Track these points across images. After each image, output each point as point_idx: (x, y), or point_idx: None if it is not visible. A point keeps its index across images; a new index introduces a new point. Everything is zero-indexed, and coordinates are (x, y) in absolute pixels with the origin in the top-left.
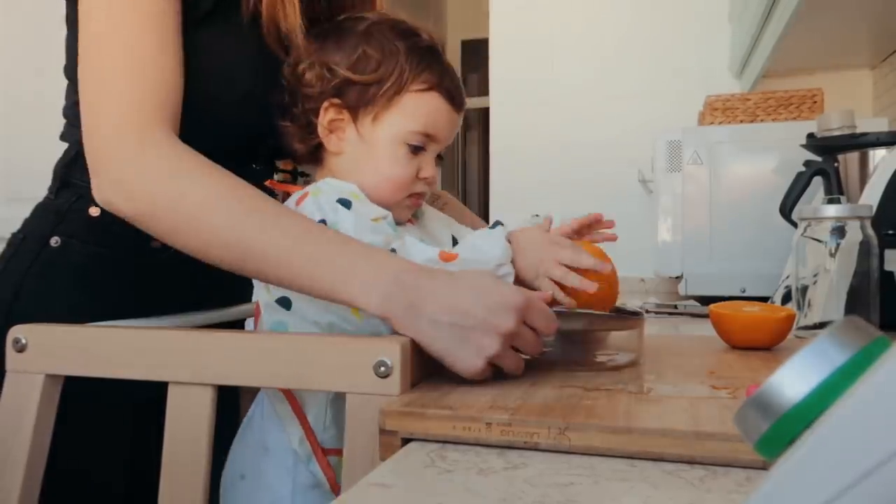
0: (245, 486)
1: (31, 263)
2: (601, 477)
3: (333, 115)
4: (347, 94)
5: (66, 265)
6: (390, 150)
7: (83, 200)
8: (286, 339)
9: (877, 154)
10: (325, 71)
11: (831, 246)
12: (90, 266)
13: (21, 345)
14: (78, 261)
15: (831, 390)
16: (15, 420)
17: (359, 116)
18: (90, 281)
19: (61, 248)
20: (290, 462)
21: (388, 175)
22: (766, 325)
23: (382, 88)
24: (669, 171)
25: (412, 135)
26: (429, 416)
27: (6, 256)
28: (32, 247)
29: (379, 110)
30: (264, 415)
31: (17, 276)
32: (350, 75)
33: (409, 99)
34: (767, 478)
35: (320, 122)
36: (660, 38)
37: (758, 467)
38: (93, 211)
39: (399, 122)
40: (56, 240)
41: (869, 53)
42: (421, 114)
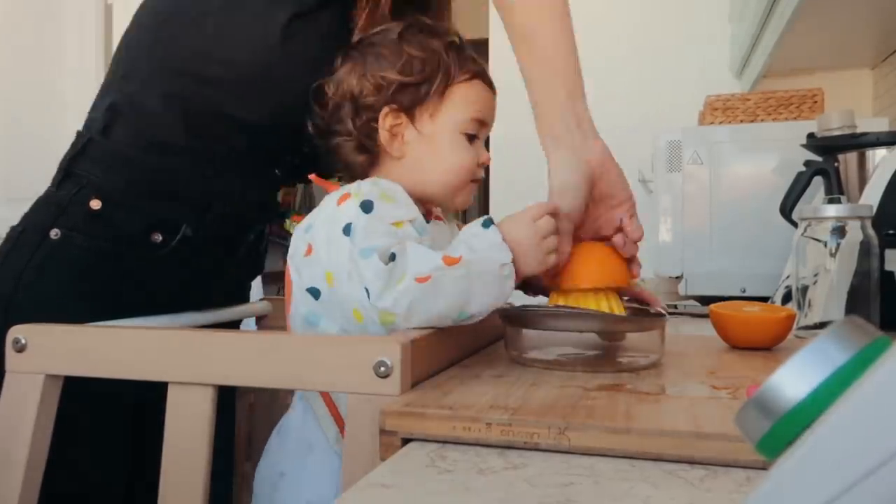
0: (285, 483)
1: (30, 256)
2: (601, 477)
3: (393, 121)
4: (402, 98)
5: (67, 258)
6: (451, 141)
7: (85, 192)
8: (286, 339)
9: (877, 154)
10: (379, 80)
11: (831, 246)
12: (91, 260)
13: (21, 345)
14: (78, 254)
15: (831, 390)
16: (14, 420)
17: (416, 116)
18: (90, 275)
19: (61, 240)
20: (336, 461)
21: (455, 164)
22: (766, 325)
23: (433, 85)
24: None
25: (467, 123)
26: (429, 416)
27: (4, 251)
28: (32, 239)
29: (434, 106)
30: (306, 412)
31: (17, 269)
32: (402, 79)
33: (457, 90)
34: (767, 478)
35: (381, 128)
36: (660, 38)
37: (758, 467)
38: (94, 204)
39: (454, 113)
40: (56, 232)
41: (869, 53)
42: (471, 102)
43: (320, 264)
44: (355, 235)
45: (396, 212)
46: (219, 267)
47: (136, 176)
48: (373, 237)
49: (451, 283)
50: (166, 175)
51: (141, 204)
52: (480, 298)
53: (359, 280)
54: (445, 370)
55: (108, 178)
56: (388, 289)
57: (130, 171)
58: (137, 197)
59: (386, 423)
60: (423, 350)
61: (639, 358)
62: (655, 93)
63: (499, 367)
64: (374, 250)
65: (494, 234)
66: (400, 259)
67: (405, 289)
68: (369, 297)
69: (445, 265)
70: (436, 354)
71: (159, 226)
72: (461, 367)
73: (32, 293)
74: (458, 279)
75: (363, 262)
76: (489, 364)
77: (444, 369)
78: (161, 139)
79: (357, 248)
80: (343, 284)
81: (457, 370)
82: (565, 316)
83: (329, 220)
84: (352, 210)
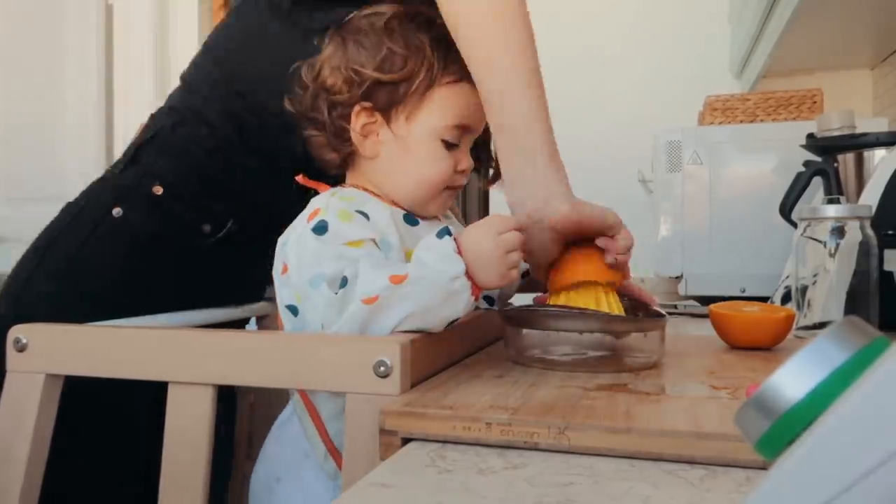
0: (282, 489)
1: (93, 229)
2: (601, 477)
3: (366, 119)
4: (377, 96)
5: (124, 237)
6: (427, 148)
7: (149, 178)
8: (286, 339)
9: (876, 154)
10: (352, 74)
11: (831, 246)
12: (144, 240)
13: (21, 344)
14: (135, 235)
15: (831, 390)
16: (15, 420)
17: (391, 117)
18: (142, 254)
19: (122, 220)
20: (332, 467)
21: (427, 175)
22: (766, 325)
23: (413, 86)
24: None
25: (447, 130)
26: (429, 416)
27: (65, 221)
28: (94, 214)
29: (412, 108)
30: (301, 417)
31: (79, 239)
32: (378, 76)
33: (439, 93)
34: (767, 478)
35: (353, 127)
36: (660, 38)
37: (758, 467)
38: (156, 189)
39: (432, 118)
40: (119, 211)
41: (869, 53)
42: (453, 107)
43: (291, 286)
44: (306, 263)
45: (355, 231)
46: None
47: (196, 171)
48: (321, 264)
49: (397, 302)
50: (222, 176)
51: (197, 196)
52: (433, 313)
53: (312, 311)
54: (445, 370)
55: (171, 168)
56: (341, 315)
57: (192, 166)
58: (195, 189)
59: (386, 422)
60: (423, 350)
61: (639, 358)
62: (655, 93)
63: (499, 367)
64: (322, 278)
65: (448, 245)
66: (350, 283)
67: (353, 313)
68: (323, 327)
69: (392, 284)
70: (436, 354)
71: (210, 217)
72: (461, 367)
73: (89, 264)
74: (404, 297)
75: (313, 292)
76: (489, 364)
77: (444, 369)
78: (220, 146)
79: (305, 276)
80: (304, 309)
81: (457, 370)
82: (565, 316)
83: (300, 236)
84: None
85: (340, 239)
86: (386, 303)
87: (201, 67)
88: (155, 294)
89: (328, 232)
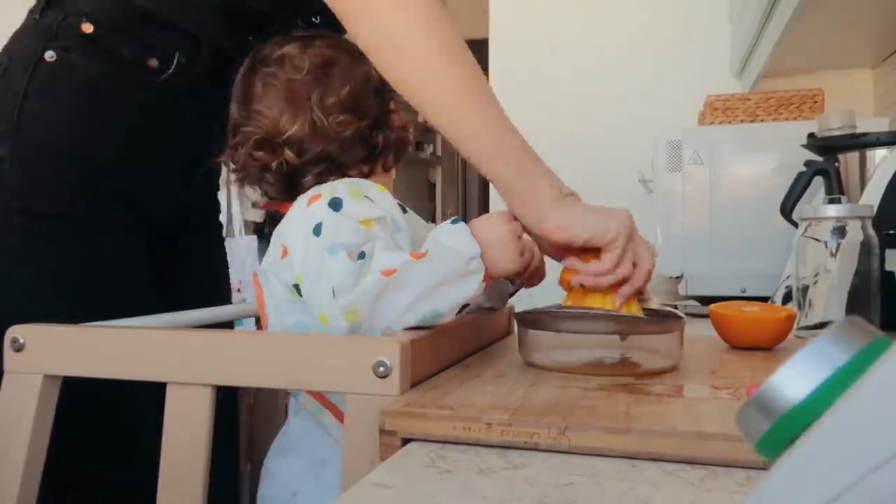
0: (300, 502)
1: (28, 79)
2: (601, 477)
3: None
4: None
5: (67, 79)
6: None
7: (73, 17)
8: (286, 339)
9: (877, 154)
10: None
11: (832, 246)
12: (92, 81)
13: (19, 344)
14: (79, 76)
15: (832, 390)
16: (13, 420)
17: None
18: (93, 96)
19: (58, 63)
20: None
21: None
22: (766, 325)
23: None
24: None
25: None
26: (429, 416)
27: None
28: (24, 65)
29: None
30: (307, 428)
31: (16, 93)
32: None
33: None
34: (767, 478)
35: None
36: (660, 38)
37: (758, 467)
38: (85, 27)
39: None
40: (51, 54)
41: (869, 53)
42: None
43: (293, 267)
44: (323, 233)
45: (366, 210)
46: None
47: (125, 7)
48: (341, 234)
49: (416, 276)
50: (156, 7)
51: (133, 30)
52: (446, 294)
53: (326, 278)
54: (445, 370)
55: (95, 4)
56: (357, 284)
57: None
58: (126, 24)
59: (386, 423)
60: (422, 350)
61: (657, 361)
62: (655, 93)
63: (499, 367)
64: (341, 247)
65: (463, 229)
66: (369, 257)
67: (370, 283)
68: (335, 293)
69: (412, 258)
70: (436, 354)
71: (154, 52)
72: (461, 367)
73: (37, 116)
74: (423, 273)
75: (330, 259)
76: (489, 364)
77: (444, 369)
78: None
79: (324, 244)
80: (311, 284)
81: (457, 370)
82: (581, 318)
83: (300, 220)
84: (321, 209)
85: (354, 216)
86: (404, 276)
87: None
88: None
89: (343, 208)
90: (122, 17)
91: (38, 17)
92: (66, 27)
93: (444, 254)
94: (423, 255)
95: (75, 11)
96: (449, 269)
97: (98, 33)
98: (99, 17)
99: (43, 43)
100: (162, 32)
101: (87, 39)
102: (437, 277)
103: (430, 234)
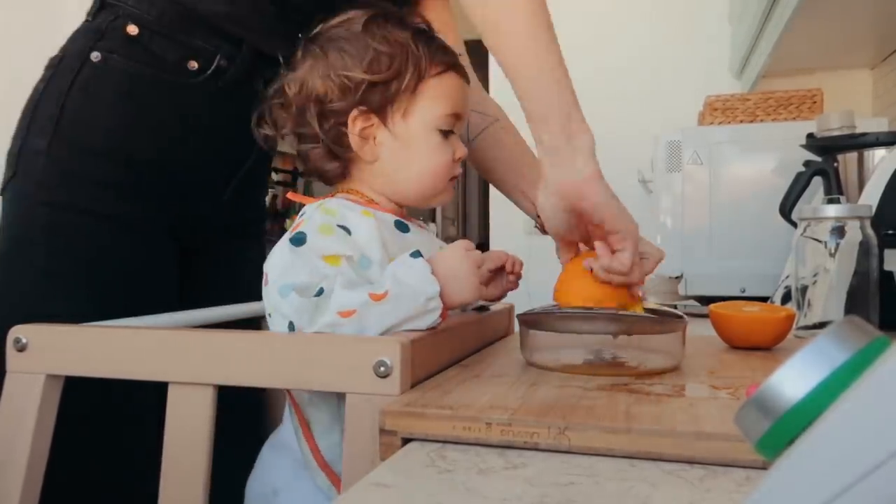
0: (280, 501)
1: (73, 78)
2: (601, 477)
3: (363, 124)
4: (371, 98)
5: (108, 81)
6: (427, 140)
7: (121, 19)
8: (286, 339)
9: (876, 154)
10: (344, 80)
11: (831, 246)
12: (131, 84)
13: (22, 344)
14: (119, 77)
15: (831, 390)
16: (16, 420)
17: (387, 117)
18: (132, 98)
19: (102, 63)
20: (324, 482)
21: (432, 164)
22: (766, 325)
23: (403, 82)
24: (669, 171)
25: (442, 119)
26: (429, 416)
27: (47, 77)
28: (73, 63)
29: (406, 105)
30: (296, 430)
31: (61, 91)
32: (370, 77)
33: (429, 85)
34: (767, 477)
35: (351, 133)
36: (660, 38)
37: (758, 467)
38: (130, 29)
39: (427, 110)
40: (97, 55)
41: (869, 53)
42: (445, 96)
43: (268, 295)
44: (279, 272)
45: (332, 246)
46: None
47: (170, 8)
48: (293, 273)
49: (375, 317)
50: (200, 10)
51: (176, 33)
52: (402, 328)
53: (281, 318)
54: (445, 370)
55: (143, 7)
56: (312, 323)
57: (164, 3)
58: (173, 26)
59: (386, 422)
60: (423, 350)
61: (659, 361)
62: (655, 93)
63: (499, 367)
64: (291, 288)
65: (422, 266)
66: (326, 295)
67: (328, 323)
68: (294, 329)
69: (371, 300)
70: (436, 354)
71: (196, 55)
72: (461, 367)
73: (77, 115)
74: (382, 314)
75: (282, 301)
76: (489, 364)
77: (444, 369)
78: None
79: (277, 285)
80: (271, 318)
81: (457, 370)
82: (581, 318)
83: (277, 250)
84: (282, 247)
85: (317, 252)
86: (363, 317)
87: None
88: (153, 145)
89: (305, 244)
90: (169, 19)
91: (92, 18)
92: (112, 28)
93: (403, 293)
94: (382, 297)
95: (124, 13)
96: (408, 311)
97: (142, 35)
98: (145, 19)
99: (91, 43)
100: (206, 34)
101: (131, 41)
102: (395, 318)
103: (390, 267)
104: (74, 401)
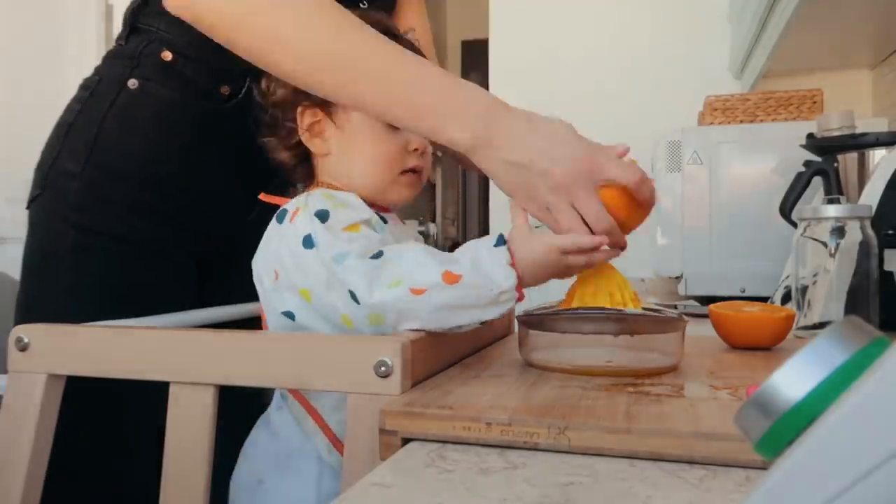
0: (263, 491)
1: (111, 104)
2: (601, 477)
3: (311, 119)
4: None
5: (143, 107)
6: (369, 130)
7: (155, 45)
8: (286, 339)
9: (876, 154)
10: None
11: (831, 246)
12: (166, 110)
13: (23, 344)
14: (155, 104)
15: (831, 390)
16: (17, 420)
17: (332, 111)
18: (165, 124)
19: (139, 91)
20: (315, 472)
21: (374, 155)
22: (766, 325)
23: None
24: (669, 172)
25: None
26: (429, 416)
27: (83, 98)
28: (111, 88)
29: None
30: (285, 420)
31: (99, 115)
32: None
33: None
34: (767, 477)
35: (300, 127)
36: (660, 39)
37: (758, 467)
38: (165, 55)
39: None
40: (134, 82)
41: (869, 53)
42: None
43: (292, 286)
44: (321, 245)
45: (349, 215)
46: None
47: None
48: (339, 244)
49: (445, 300)
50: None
51: (209, 57)
52: (472, 315)
53: (340, 285)
54: (445, 370)
55: (174, 31)
56: (377, 287)
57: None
58: (204, 51)
59: (386, 422)
60: (423, 350)
61: (659, 360)
62: (655, 93)
63: (499, 367)
64: (345, 255)
65: (504, 257)
66: (394, 261)
67: (398, 296)
68: (357, 298)
69: (444, 283)
70: (436, 354)
71: (227, 79)
72: (461, 367)
73: (112, 141)
74: (452, 298)
75: (339, 268)
76: (489, 364)
77: (444, 369)
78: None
79: (328, 255)
80: (323, 296)
81: (457, 370)
82: (581, 318)
83: (287, 238)
84: (307, 222)
85: (341, 223)
86: (433, 297)
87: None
88: (184, 170)
89: (330, 218)
90: (199, 43)
91: (125, 42)
92: (147, 54)
93: (477, 283)
94: (457, 280)
95: (158, 39)
96: (476, 300)
97: (176, 60)
98: (178, 45)
99: (129, 70)
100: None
101: (166, 66)
102: (465, 302)
103: (474, 245)
104: (75, 401)
